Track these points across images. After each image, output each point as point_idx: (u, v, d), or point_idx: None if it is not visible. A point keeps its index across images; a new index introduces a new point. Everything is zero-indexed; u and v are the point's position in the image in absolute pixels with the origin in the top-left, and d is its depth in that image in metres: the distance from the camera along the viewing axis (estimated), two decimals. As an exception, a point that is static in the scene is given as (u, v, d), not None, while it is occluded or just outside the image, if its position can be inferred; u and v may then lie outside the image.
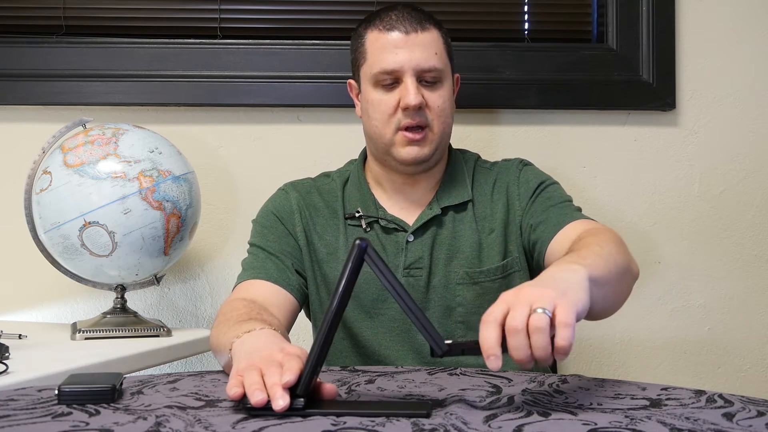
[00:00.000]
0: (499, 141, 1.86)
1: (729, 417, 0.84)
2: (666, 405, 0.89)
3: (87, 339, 1.48)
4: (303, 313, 1.43)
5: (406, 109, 1.33)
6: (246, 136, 1.84)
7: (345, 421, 0.81)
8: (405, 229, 1.39)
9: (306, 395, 0.85)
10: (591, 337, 1.87)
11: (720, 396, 0.93)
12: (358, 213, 1.40)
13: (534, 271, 1.38)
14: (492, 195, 1.42)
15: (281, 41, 1.82)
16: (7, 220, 1.75)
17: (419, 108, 1.33)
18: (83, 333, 1.49)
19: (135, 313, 1.57)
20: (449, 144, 1.45)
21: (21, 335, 1.42)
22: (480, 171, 1.46)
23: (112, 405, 0.88)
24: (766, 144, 1.89)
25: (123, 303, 1.56)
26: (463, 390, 0.97)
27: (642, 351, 1.88)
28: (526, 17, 1.89)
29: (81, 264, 1.48)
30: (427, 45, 1.34)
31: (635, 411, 0.86)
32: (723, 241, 1.89)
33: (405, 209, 1.41)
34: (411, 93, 1.32)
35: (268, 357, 0.91)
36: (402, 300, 0.86)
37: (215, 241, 1.83)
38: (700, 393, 0.95)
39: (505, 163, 1.47)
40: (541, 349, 0.83)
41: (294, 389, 0.85)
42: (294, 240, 1.40)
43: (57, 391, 0.89)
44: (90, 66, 1.78)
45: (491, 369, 0.84)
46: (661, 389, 0.97)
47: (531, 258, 1.39)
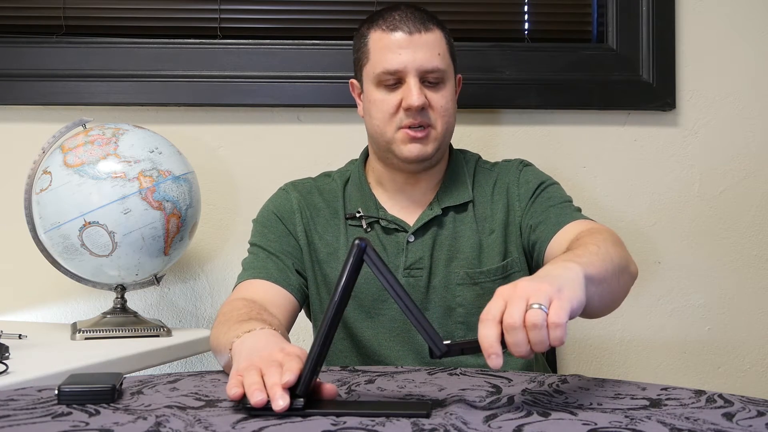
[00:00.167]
0: (499, 141, 1.86)
1: (729, 417, 0.84)
2: (666, 405, 0.89)
3: (87, 339, 1.48)
4: (303, 313, 1.43)
5: (408, 110, 1.33)
6: (246, 136, 1.83)
7: (345, 421, 0.81)
8: (405, 230, 1.38)
9: (306, 395, 0.85)
10: (591, 337, 1.87)
11: (720, 396, 0.93)
12: (358, 213, 1.40)
13: (534, 272, 1.37)
14: (492, 196, 1.42)
15: (281, 41, 1.82)
16: (7, 220, 1.75)
17: (422, 108, 1.33)
18: (83, 333, 1.49)
19: (135, 313, 1.56)
20: (450, 144, 1.45)
21: (21, 335, 1.42)
22: (481, 171, 1.46)
23: (112, 405, 0.88)
24: (766, 144, 1.89)
25: (123, 303, 1.56)
26: (463, 390, 0.97)
27: (642, 351, 1.88)
28: (526, 17, 1.89)
29: (81, 264, 1.48)
30: (431, 45, 1.34)
31: (635, 411, 0.86)
32: (723, 241, 1.89)
33: (405, 209, 1.41)
34: (414, 94, 1.32)
35: (268, 357, 0.91)
36: (401, 300, 0.86)
37: (215, 241, 1.83)
38: (700, 393, 0.95)
39: (506, 164, 1.47)
40: (540, 344, 0.85)
41: (294, 389, 0.85)
42: (294, 240, 1.40)
43: (57, 391, 0.89)
44: (90, 66, 1.78)
45: (492, 367, 0.84)
46: (661, 389, 0.97)
47: (531, 258, 1.39)
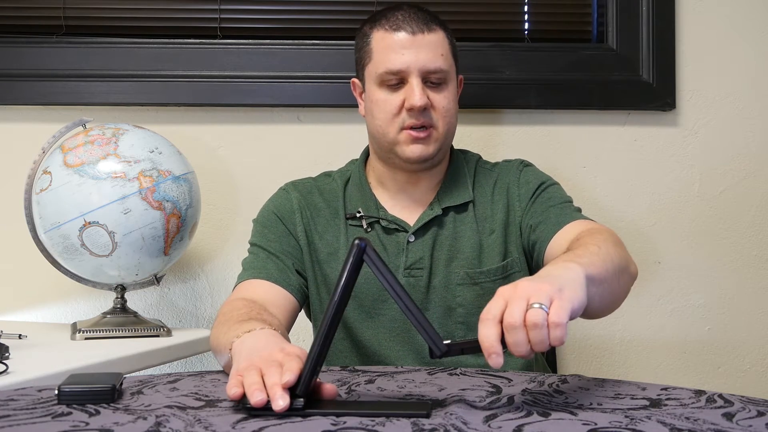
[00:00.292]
0: (499, 141, 1.86)
1: (729, 417, 0.84)
2: (666, 405, 0.89)
3: (87, 339, 1.48)
4: (303, 313, 1.43)
5: (410, 110, 1.33)
6: (246, 136, 1.83)
7: (345, 421, 0.81)
8: (406, 230, 1.38)
9: (306, 395, 0.85)
10: (591, 337, 1.87)
11: (720, 396, 0.93)
12: (359, 213, 1.40)
13: (534, 272, 1.37)
14: (492, 196, 1.42)
15: (281, 41, 1.82)
16: (7, 220, 1.74)
17: (424, 109, 1.33)
18: (83, 333, 1.49)
19: (135, 313, 1.56)
20: (451, 144, 1.45)
21: (21, 335, 1.42)
22: (481, 172, 1.46)
23: (112, 405, 0.88)
24: (766, 144, 1.89)
25: (123, 303, 1.56)
26: (463, 390, 0.97)
27: (642, 351, 1.88)
28: (526, 17, 1.89)
29: (81, 264, 1.48)
30: (434, 46, 1.34)
31: (635, 411, 0.86)
32: (723, 241, 1.89)
33: (406, 209, 1.41)
34: (416, 94, 1.32)
35: (268, 357, 0.91)
36: (401, 300, 0.86)
37: (215, 241, 1.83)
38: (700, 393, 0.95)
39: (506, 164, 1.47)
40: (540, 344, 0.85)
41: (294, 389, 0.85)
42: (295, 240, 1.40)
43: (57, 391, 0.89)
44: (90, 66, 1.78)
45: (493, 367, 0.84)
46: (661, 389, 0.97)
47: (531, 258, 1.39)
